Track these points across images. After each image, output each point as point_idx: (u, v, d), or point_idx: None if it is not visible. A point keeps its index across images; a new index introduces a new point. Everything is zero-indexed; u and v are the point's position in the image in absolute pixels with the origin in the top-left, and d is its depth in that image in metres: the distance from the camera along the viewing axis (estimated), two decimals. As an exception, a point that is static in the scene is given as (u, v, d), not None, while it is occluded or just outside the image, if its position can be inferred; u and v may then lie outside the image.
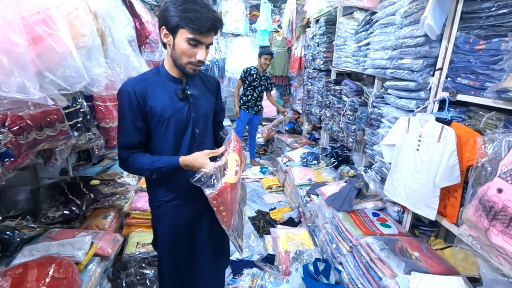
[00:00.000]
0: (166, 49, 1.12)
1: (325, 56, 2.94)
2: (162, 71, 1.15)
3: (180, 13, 0.98)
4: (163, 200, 1.22)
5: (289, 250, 1.91)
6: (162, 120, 1.10)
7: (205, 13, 0.99)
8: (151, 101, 1.08)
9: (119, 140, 1.12)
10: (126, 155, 1.11)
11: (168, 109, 1.10)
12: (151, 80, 1.12)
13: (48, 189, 1.86)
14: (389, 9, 1.73)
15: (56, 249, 1.35)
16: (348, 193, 1.81)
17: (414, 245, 1.46)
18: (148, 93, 1.08)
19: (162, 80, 1.13)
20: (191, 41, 1.01)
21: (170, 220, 1.23)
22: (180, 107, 1.13)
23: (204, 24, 0.98)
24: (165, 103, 1.10)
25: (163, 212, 1.23)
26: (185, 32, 1.00)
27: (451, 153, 1.25)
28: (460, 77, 1.31)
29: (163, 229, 1.25)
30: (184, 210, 1.23)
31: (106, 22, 1.86)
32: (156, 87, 1.11)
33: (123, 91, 1.08)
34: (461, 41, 1.30)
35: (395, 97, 1.70)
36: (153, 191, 1.24)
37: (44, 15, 0.98)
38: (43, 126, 1.43)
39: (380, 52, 1.84)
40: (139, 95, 1.07)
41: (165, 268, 1.29)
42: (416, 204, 1.45)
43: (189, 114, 1.15)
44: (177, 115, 1.12)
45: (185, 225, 1.25)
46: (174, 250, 1.27)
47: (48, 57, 1.02)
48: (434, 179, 1.34)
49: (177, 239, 1.26)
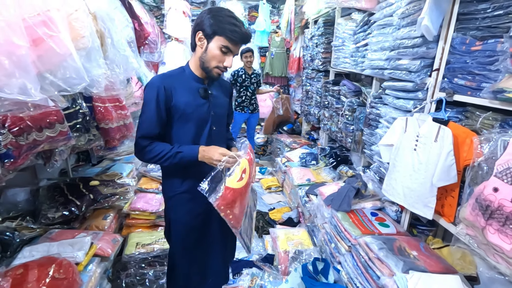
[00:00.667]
0: (193, 51, 1.24)
1: (324, 56, 2.96)
2: (187, 71, 1.26)
3: (221, 23, 1.12)
4: (177, 191, 1.29)
5: (288, 250, 1.92)
6: (185, 115, 1.20)
7: (242, 28, 1.15)
8: (177, 97, 1.19)
9: (140, 130, 1.19)
10: (146, 143, 1.19)
11: (191, 106, 1.21)
12: (177, 78, 1.23)
13: (48, 190, 1.87)
14: (387, 10, 1.74)
15: (56, 249, 1.36)
16: (346, 193, 1.82)
17: (412, 244, 1.48)
18: (175, 89, 1.19)
19: (187, 79, 1.24)
20: (223, 48, 1.14)
21: (183, 210, 1.31)
22: (201, 104, 1.24)
23: (239, 37, 1.14)
24: (189, 100, 1.21)
25: (177, 202, 1.31)
26: (221, 39, 1.13)
27: (448, 152, 1.26)
28: (457, 78, 1.32)
29: (176, 218, 1.33)
30: (197, 203, 1.28)
31: (105, 24, 1.87)
32: (181, 84, 1.21)
33: (152, 85, 1.18)
34: (457, 42, 1.31)
35: (393, 98, 1.72)
36: (168, 181, 1.32)
37: (45, 17, 0.99)
38: (43, 127, 1.43)
39: (378, 52, 1.85)
40: (167, 90, 1.17)
41: (177, 257, 1.36)
42: (414, 204, 1.46)
43: (208, 111, 1.26)
44: (198, 112, 1.23)
45: (197, 217, 1.32)
46: (186, 239, 1.34)
47: (49, 59, 1.03)
48: (431, 178, 1.35)
49: (189, 229, 1.32)
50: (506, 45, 1.05)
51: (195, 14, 4.18)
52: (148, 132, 1.19)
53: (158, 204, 2.14)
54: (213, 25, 1.12)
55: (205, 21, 1.13)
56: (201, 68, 1.21)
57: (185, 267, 1.36)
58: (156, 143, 1.19)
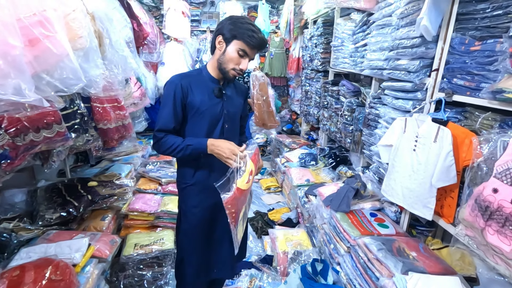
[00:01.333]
0: (212, 54, 1.32)
1: (323, 57, 2.95)
2: (204, 72, 1.34)
3: (240, 29, 1.21)
4: (188, 183, 1.37)
5: (287, 251, 1.91)
6: (199, 112, 1.28)
7: (259, 35, 1.23)
8: (193, 95, 1.28)
9: (158, 123, 1.29)
10: (161, 135, 1.28)
11: (206, 104, 1.29)
12: (195, 77, 1.32)
13: (46, 191, 1.86)
14: (386, 10, 1.74)
15: (53, 251, 1.35)
16: (346, 194, 1.81)
17: (411, 245, 1.47)
18: (191, 88, 1.28)
19: (203, 79, 1.33)
20: (240, 51, 1.23)
21: (193, 202, 1.38)
22: (215, 103, 1.31)
23: (256, 42, 1.22)
24: (204, 99, 1.29)
25: (188, 193, 1.39)
26: (239, 43, 1.22)
27: (448, 153, 1.26)
28: (456, 78, 1.32)
29: (186, 208, 1.40)
30: (207, 196, 1.35)
31: (103, 24, 1.86)
32: (198, 84, 1.30)
33: (172, 83, 1.27)
34: (456, 42, 1.31)
35: (392, 98, 1.71)
36: (181, 173, 1.40)
37: (41, 17, 0.98)
38: (40, 128, 1.42)
39: (377, 53, 1.85)
40: (184, 88, 1.26)
41: (185, 247, 1.42)
42: (413, 204, 1.46)
43: (222, 110, 1.33)
44: (212, 110, 1.30)
45: (207, 210, 1.37)
46: (195, 230, 1.39)
47: (45, 59, 1.02)
48: (430, 179, 1.34)
49: (198, 221, 1.38)
50: (506, 45, 1.05)
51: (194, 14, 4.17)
52: (164, 126, 1.28)
53: (156, 205, 2.13)
54: (232, 30, 1.21)
55: (226, 27, 1.23)
56: (218, 69, 1.29)
57: (192, 256, 1.41)
58: (169, 136, 1.28)
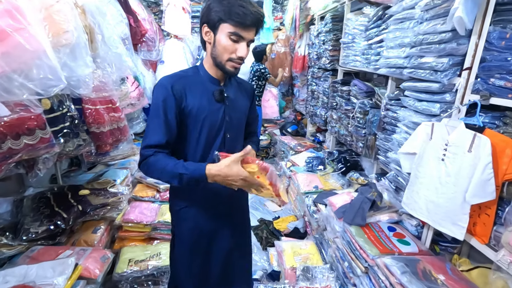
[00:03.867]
0: (205, 50, 1.10)
1: (331, 54, 2.77)
2: (202, 70, 1.12)
3: (224, 7, 0.96)
4: (182, 205, 1.18)
5: (295, 267, 1.75)
6: (197, 120, 1.07)
7: (249, 7, 0.97)
8: (189, 100, 1.05)
9: (146, 138, 1.04)
10: (150, 152, 1.01)
11: (204, 110, 1.07)
12: (191, 78, 1.10)
13: (33, 201, 1.71)
14: (407, 2, 1.56)
15: (34, 273, 1.19)
16: (360, 205, 1.65)
17: (437, 267, 1.30)
18: (187, 91, 1.06)
19: (201, 80, 1.11)
20: (232, 35, 0.98)
21: (188, 226, 1.18)
22: (216, 108, 1.10)
23: (247, 17, 0.96)
24: (202, 104, 1.07)
25: (182, 217, 1.19)
26: (227, 26, 0.98)
27: (486, 165, 1.09)
28: (494, 78, 1.15)
29: (179, 233, 1.22)
30: (203, 220, 1.18)
31: (95, 18, 1.70)
32: (195, 86, 1.08)
33: (160, 87, 1.04)
34: (495, 37, 1.13)
35: (414, 100, 1.54)
36: (174, 193, 1.21)
37: (9, 5, 0.83)
38: (21, 134, 1.26)
39: (395, 50, 1.67)
40: (177, 92, 1.03)
41: (179, 276, 1.24)
42: (440, 221, 1.29)
43: (223, 117, 1.11)
44: (212, 117, 1.09)
45: (203, 236, 1.19)
46: (190, 257, 1.21)
47: (16, 57, 0.87)
48: (463, 193, 1.18)
49: (194, 248, 1.20)
50: None
51: (195, 10, 4.00)
52: (153, 141, 1.02)
53: (153, 214, 1.97)
54: (216, 12, 0.97)
55: (208, 12, 1.00)
56: (215, 65, 1.07)
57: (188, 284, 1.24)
58: (160, 156, 1.00)
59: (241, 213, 1.34)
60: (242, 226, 1.35)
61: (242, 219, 1.34)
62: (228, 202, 1.21)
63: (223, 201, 1.18)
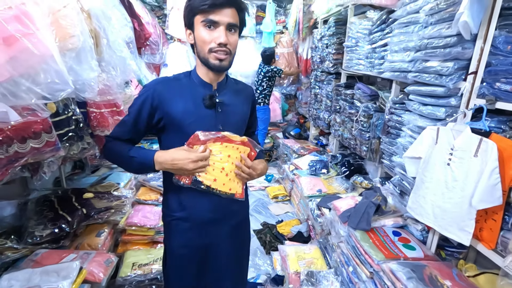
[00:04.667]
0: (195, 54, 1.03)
1: (335, 58, 2.78)
2: (193, 73, 1.06)
3: (192, 0, 0.92)
4: (174, 216, 1.08)
5: (299, 271, 1.74)
6: (182, 127, 0.98)
7: None
8: (172, 104, 0.98)
9: (114, 128, 1.07)
10: (109, 140, 1.05)
11: (190, 115, 0.98)
12: (180, 82, 1.04)
13: (37, 204, 1.71)
14: (411, 6, 1.56)
15: (38, 278, 1.19)
16: (365, 210, 1.63)
17: (444, 272, 1.29)
18: (174, 95, 0.99)
19: (191, 84, 1.03)
20: (206, 24, 0.92)
21: (180, 240, 1.09)
22: (205, 115, 1.00)
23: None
24: (188, 108, 0.99)
25: (174, 229, 1.09)
26: (199, 17, 0.92)
27: (493, 170, 1.08)
28: (500, 82, 1.14)
29: (172, 248, 1.12)
30: (197, 234, 1.07)
31: (100, 23, 1.71)
32: (183, 90, 1.01)
33: (146, 87, 1.03)
34: (500, 41, 1.13)
35: (419, 104, 1.54)
36: (166, 202, 1.12)
37: (18, 11, 0.83)
38: (27, 138, 1.27)
39: (400, 54, 1.67)
40: (158, 94, 0.98)
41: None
42: (447, 227, 1.28)
43: (215, 126, 1.01)
44: (200, 123, 0.98)
45: (197, 251, 1.10)
46: (184, 273, 1.11)
47: (24, 61, 0.87)
48: (469, 198, 1.17)
49: (187, 264, 1.11)
50: None
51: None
52: (117, 135, 1.04)
53: (157, 218, 1.97)
54: (188, 9, 0.94)
55: (184, 12, 0.97)
56: (202, 63, 0.99)
57: None
58: (117, 142, 1.03)
59: (242, 228, 1.21)
60: (242, 243, 1.23)
61: (241, 234, 1.21)
62: (228, 218, 1.10)
63: (216, 222, 1.08)
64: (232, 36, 0.95)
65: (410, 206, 1.47)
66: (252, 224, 2.52)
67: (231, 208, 1.09)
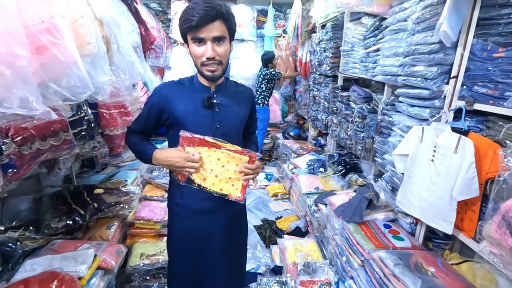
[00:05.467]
0: None
1: (332, 61, 2.90)
2: (195, 78, 1.18)
3: (181, 21, 1.02)
4: (176, 203, 1.22)
5: (297, 262, 1.85)
6: (183, 125, 1.10)
7: (198, 7, 0.96)
8: (177, 106, 1.12)
9: (132, 122, 1.25)
10: (129, 130, 1.25)
11: (190, 115, 1.11)
12: (184, 85, 1.17)
13: (51, 199, 1.83)
14: (400, 15, 1.69)
15: (58, 263, 1.31)
16: (358, 204, 1.75)
17: (429, 260, 1.40)
18: (177, 97, 1.13)
19: (192, 87, 1.16)
20: (195, 41, 1.02)
21: (181, 227, 1.23)
22: (203, 114, 1.12)
23: (194, 18, 0.96)
24: (188, 109, 1.11)
25: (176, 215, 1.23)
26: (189, 35, 1.03)
27: (470, 164, 1.19)
28: (477, 86, 1.26)
29: (173, 233, 1.27)
30: (195, 223, 1.21)
31: (111, 29, 1.84)
32: (185, 93, 1.14)
33: (155, 90, 1.18)
34: (478, 48, 1.25)
35: (407, 105, 1.65)
36: (170, 191, 1.28)
37: (49, 24, 0.95)
38: (47, 136, 1.40)
39: (390, 58, 1.79)
40: (164, 97, 1.13)
41: (172, 273, 1.31)
42: (432, 218, 1.39)
43: (212, 124, 1.13)
44: (198, 122, 1.11)
45: (194, 239, 1.22)
46: (181, 258, 1.26)
47: (52, 67, 0.99)
48: (451, 191, 1.28)
49: (186, 249, 1.24)
50: (535, 52, 0.99)
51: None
52: (133, 127, 1.23)
53: (163, 212, 2.09)
54: (179, 27, 1.04)
55: None
56: (199, 73, 1.13)
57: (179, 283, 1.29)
58: (134, 135, 1.22)
59: (238, 219, 1.31)
60: (238, 234, 1.33)
61: (237, 225, 1.31)
62: (224, 209, 1.20)
63: (218, 207, 1.19)
64: (220, 47, 1.03)
65: (399, 200, 1.58)
66: (253, 220, 2.65)
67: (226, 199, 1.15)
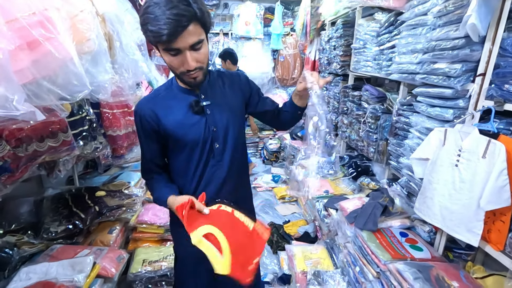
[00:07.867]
0: None
1: (342, 60, 2.79)
2: (174, 83, 1.06)
3: (144, 29, 0.85)
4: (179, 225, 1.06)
5: (306, 271, 1.75)
6: (178, 139, 1.02)
7: (162, 15, 0.78)
8: (164, 120, 1.00)
9: (141, 163, 1.13)
10: (147, 177, 1.13)
11: (182, 127, 1.00)
12: (162, 95, 1.04)
13: (52, 201, 1.77)
14: (419, 8, 1.57)
15: (55, 271, 1.24)
16: (372, 210, 1.65)
17: (451, 273, 1.29)
18: (159, 111, 1.01)
19: (174, 94, 1.04)
20: (169, 52, 0.86)
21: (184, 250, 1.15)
22: (195, 122, 1.01)
23: (162, 31, 0.79)
24: (177, 120, 1.00)
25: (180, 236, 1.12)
26: (161, 45, 0.86)
27: (501, 171, 1.08)
28: (508, 84, 1.15)
29: (176, 255, 1.21)
30: None
31: (114, 26, 1.77)
32: (167, 103, 1.02)
33: (135, 114, 1.05)
34: (509, 43, 1.14)
35: (427, 105, 1.54)
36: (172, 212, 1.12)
37: (41, 16, 0.88)
38: (45, 137, 1.33)
39: (407, 55, 1.68)
40: (150, 117, 1.01)
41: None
42: (455, 228, 1.28)
43: (207, 128, 1.02)
44: (192, 132, 1.01)
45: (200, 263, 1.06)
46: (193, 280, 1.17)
47: (46, 64, 0.92)
48: (477, 200, 1.17)
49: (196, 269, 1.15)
50: None
51: (207, 16, 4.07)
52: (144, 168, 1.12)
53: (166, 216, 2.01)
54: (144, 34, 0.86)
55: None
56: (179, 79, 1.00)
57: None
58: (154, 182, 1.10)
59: None
60: None
61: None
62: None
63: None
64: (199, 53, 0.89)
65: (417, 207, 1.48)
66: (260, 224, 2.56)
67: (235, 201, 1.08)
